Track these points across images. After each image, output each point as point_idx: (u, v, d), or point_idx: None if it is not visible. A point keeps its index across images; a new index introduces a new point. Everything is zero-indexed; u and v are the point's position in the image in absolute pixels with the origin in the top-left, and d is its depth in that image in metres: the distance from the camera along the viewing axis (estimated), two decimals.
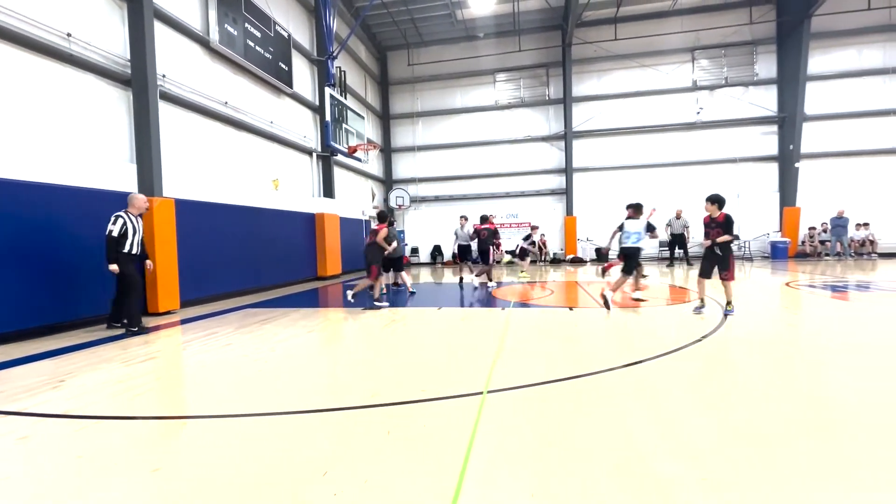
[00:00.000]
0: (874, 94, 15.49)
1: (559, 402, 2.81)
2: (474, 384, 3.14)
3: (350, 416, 2.68)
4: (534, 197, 18.03)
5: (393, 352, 4.37)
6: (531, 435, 2.35)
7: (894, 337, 4.28)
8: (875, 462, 1.97)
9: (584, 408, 2.72)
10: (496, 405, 2.77)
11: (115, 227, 5.26)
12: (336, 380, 3.52)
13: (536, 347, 4.29)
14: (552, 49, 17.31)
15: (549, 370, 3.44)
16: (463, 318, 6.04)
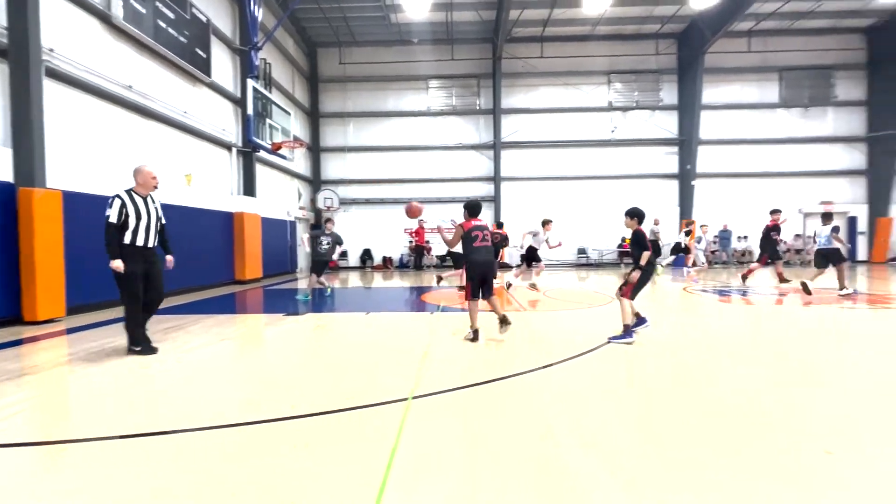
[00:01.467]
0: (753, 124, 17.97)
1: (483, 405, 2.87)
2: (400, 390, 3.10)
3: (264, 430, 2.51)
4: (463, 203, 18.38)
5: (316, 360, 4.19)
6: (455, 439, 2.36)
7: (765, 333, 4.96)
8: (755, 451, 2.24)
9: (506, 409, 2.79)
10: (421, 411, 2.75)
11: (113, 210, 4.05)
12: (251, 392, 3.28)
13: (462, 351, 4.35)
14: (484, 61, 17.87)
15: (474, 373, 3.50)
16: (391, 323, 5.96)
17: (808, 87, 17.90)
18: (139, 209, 4.17)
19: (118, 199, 4.10)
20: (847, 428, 2.45)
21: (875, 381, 3.27)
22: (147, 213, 4.20)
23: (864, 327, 5.45)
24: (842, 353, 4.25)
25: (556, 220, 18.10)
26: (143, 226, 4.17)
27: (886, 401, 2.83)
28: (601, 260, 17.93)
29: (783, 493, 1.80)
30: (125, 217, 4.08)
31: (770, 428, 2.45)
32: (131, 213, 4.11)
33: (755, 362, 3.84)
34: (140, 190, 4.25)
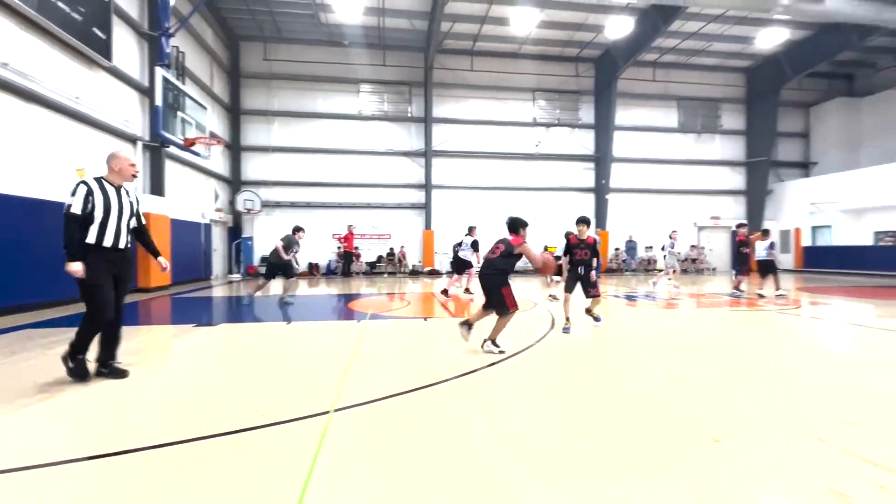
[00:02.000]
0: (657, 146, 19.99)
1: (408, 414, 2.85)
2: (321, 403, 2.98)
3: (165, 455, 2.27)
4: (395, 210, 18.30)
5: (229, 374, 3.89)
6: (378, 450, 2.32)
7: (674, 335, 5.49)
8: (656, 441, 2.46)
9: (431, 417, 2.80)
10: (343, 423, 2.67)
11: (76, 199, 3.31)
12: (150, 413, 2.96)
13: (389, 360, 4.30)
14: (416, 69, 18.00)
15: (401, 382, 3.47)
16: (314, 334, 5.72)
17: (700, 115, 20.34)
18: (109, 201, 3.43)
19: (83, 186, 3.36)
20: (735, 418, 2.78)
21: (774, 374, 3.76)
22: (119, 207, 3.48)
23: (766, 327, 6.25)
24: (744, 349, 4.83)
25: (484, 229, 18.70)
26: (112, 221, 3.43)
27: (776, 392, 3.26)
28: (526, 267, 18.76)
29: (676, 478, 2.00)
30: (90, 208, 3.33)
31: (670, 419, 2.71)
32: (98, 204, 3.36)
33: (659, 360, 4.23)
34: (113, 178, 3.56)
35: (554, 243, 18.93)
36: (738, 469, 2.12)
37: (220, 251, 16.23)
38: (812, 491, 1.92)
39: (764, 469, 2.12)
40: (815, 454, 2.27)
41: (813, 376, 3.74)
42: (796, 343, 5.29)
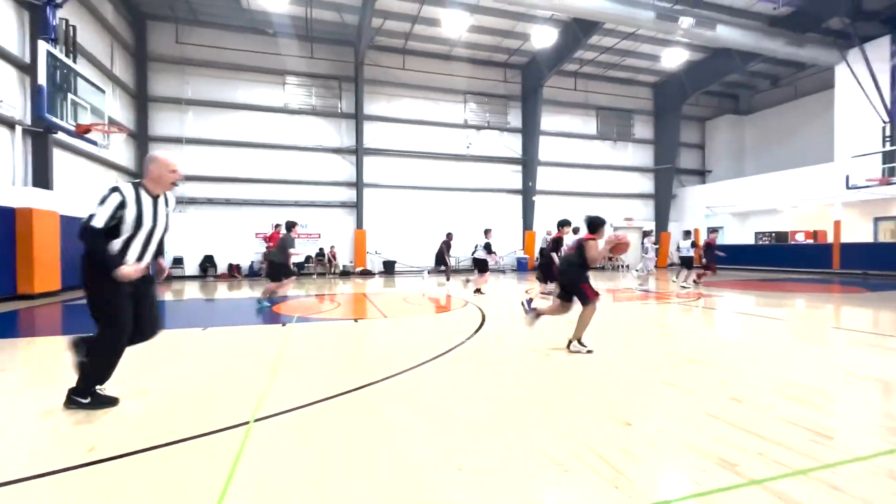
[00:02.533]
0: (579, 151, 21.31)
1: (334, 420, 2.75)
2: (239, 414, 2.78)
3: (51, 484, 1.98)
4: (324, 208, 17.68)
5: (131, 389, 3.50)
6: (301, 461, 2.21)
7: (598, 329, 5.86)
8: (576, 426, 2.61)
9: (358, 422, 2.73)
10: (265, 434, 2.51)
11: (103, 212, 2.71)
12: (37, 437, 2.57)
13: (316, 364, 4.13)
14: (346, 63, 17.52)
15: (328, 387, 3.35)
16: (234, 339, 5.34)
17: (615, 125, 22.03)
18: (142, 215, 2.86)
19: (116, 196, 2.77)
20: (644, 403, 3.03)
21: (680, 360, 4.13)
22: (153, 222, 2.93)
23: (672, 318, 6.86)
24: (652, 337, 5.26)
25: (416, 228, 18.72)
26: (141, 237, 2.88)
27: (680, 376, 3.59)
28: (458, 267, 19.05)
29: (592, 461, 2.13)
30: (118, 222, 2.78)
31: (587, 408, 2.89)
32: (129, 219, 2.80)
33: (579, 354, 4.50)
34: (151, 186, 2.96)
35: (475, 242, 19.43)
36: (647, 449, 2.31)
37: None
38: (707, 464, 2.14)
39: (668, 447, 2.34)
40: (709, 430, 2.54)
41: (708, 359, 4.20)
42: (695, 331, 5.91)
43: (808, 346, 4.96)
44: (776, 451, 2.25)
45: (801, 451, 2.25)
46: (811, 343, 5.11)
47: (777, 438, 2.40)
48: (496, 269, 19.17)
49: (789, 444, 2.33)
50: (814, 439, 2.40)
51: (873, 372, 3.75)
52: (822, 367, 3.93)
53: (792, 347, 4.82)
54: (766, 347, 4.78)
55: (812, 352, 4.63)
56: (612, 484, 1.95)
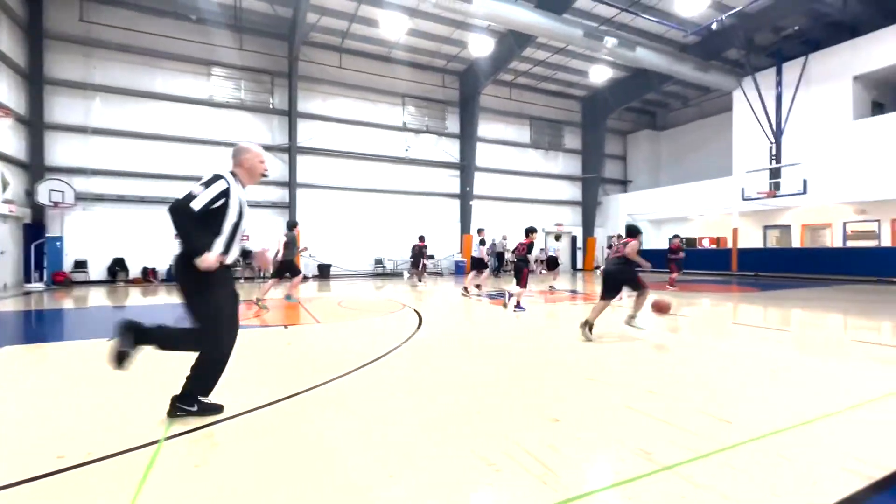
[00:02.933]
0: (513, 159, 22.09)
1: (260, 432, 2.59)
2: (148, 432, 2.52)
3: None
4: (252, 208, 16.70)
5: (20, 410, 3.05)
6: (220, 478, 2.04)
7: (528, 329, 6.06)
8: (506, 423, 2.66)
9: (285, 433, 2.59)
10: (177, 453, 2.29)
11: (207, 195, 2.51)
12: None
13: (240, 374, 3.86)
14: (279, 58, 16.75)
15: (253, 397, 3.14)
16: (147, 350, 4.84)
17: (547, 135, 23.14)
18: (243, 206, 2.73)
19: (223, 182, 2.60)
20: (570, 399, 3.17)
21: (600, 357, 4.36)
22: (245, 212, 2.78)
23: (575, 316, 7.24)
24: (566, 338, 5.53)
25: (353, 231, 18.31)
26: (239, 232, 2.75)
27: (602, 372, 3.80)
28: (396, 269, 18.91)
29: (523, 460, 2.19)
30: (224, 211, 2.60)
31: (516, 407, 2.97)
32: (234, 208, 2.65)
33: (507, 353, 4.63)
34: (244, 178, 2.85)
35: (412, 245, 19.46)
36: (573, 443, 2.42)
37: (11, 253, 12.75)
38: (625, 451, 2.29)
39: (592, 440, 2.46)
40: (628, 421, 2.72)
41: (628, 356, 4.51)
42: (617, 329, 6.33)
43: (712, 339, 5.50)
44: (685, 438, 2.46)
45: (705, 436, 2.48)
46: (714, 337, 5.68)
47: (685, 426, 2.63)
48: (434, 272, 19.27)
49: (696, 431, 2.56)
50: (716, 424, 2.65)
51: (765, 361, 4.24)
52: (722, 359, 4.37)
53: (698, 342, 5.32)
54: (677, 342, 5.24)
55: (715, 345, 5.14)
56: (541, 480, 2.01)
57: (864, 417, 2.80)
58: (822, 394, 3.27)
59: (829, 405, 2.99)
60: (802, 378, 3.72)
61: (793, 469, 2.12)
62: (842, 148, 14.99)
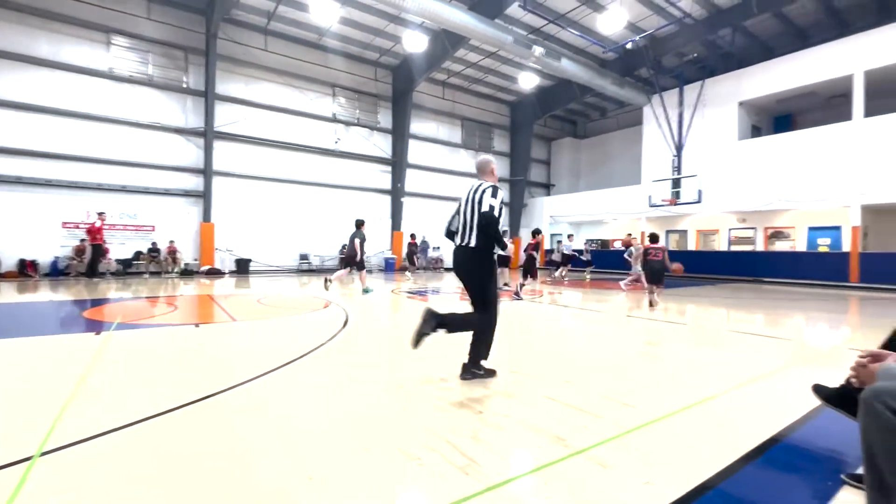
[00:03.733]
0: (446, 158, 22.33)
1: (163, 439, 2.35)
2: (19, 448, 2.17)
3: None
4: (161, 196, 15.18)
5: None
6: (111, 494, 1.82)
7: None
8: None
9: (193, 438, 2.37)
10: (53, 471, 2.00)
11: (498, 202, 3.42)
12: None
13: (140, 378, 3.49)
14: (195, 33, 15.34)
15: (154, 403, 2.85)
16: (23, 354, 4.20)
17: (478, 136, 23.70)
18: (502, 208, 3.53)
19: (501, 193, 3.51)
20: (494, 390, 3.26)
21: (526, 351, 4.53)
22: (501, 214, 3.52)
23: (523, 314, 7.52)
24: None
25: (277, 224, 17.39)
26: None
27: (525, 365, 3.95)
28: (322, 266, 18.25)
29: (446, 448, 2.22)
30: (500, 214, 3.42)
31: (441, 404, 3.01)
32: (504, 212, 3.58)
33: (436, 349, 4.67)
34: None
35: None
36: (495, 433, 2.50)
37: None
38: (543, 438, 2.41)
39: (513, 429, 2.56)
40: (546, 409, 2.87)
41: (549, 348, 4.76)
42: (537, 324, 6.67)
43: (617, 331, 5.99)
44: (595, 423, 2.65)
45: (614, 420, 2.69)
46: (618, 329, 6.19)
47: (596, 412, 2.83)
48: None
49: (604, 415, 2.77)
50: (622, 409, 2.89)
51: (663, 351, 4.70)
52: (628, 349, 4.78)
53: (606, 333, 5.77)
54: (590, 335, 5.64)
55: (620, 336, 5.61)
56: (463, 471, 2.05)
57: (741, 397, 3.22)
58: (709, 378, 3.70)
59: (714, 387, 3.39)
60: (693, 364, 4.18)
61: (683, 445, 2.37)
62: (728, 164, 17.12)
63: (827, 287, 13.90)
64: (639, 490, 1.93)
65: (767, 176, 15.95)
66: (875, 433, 1.24)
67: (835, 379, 2.18)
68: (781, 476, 2.12)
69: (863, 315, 8.20)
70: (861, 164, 13.88)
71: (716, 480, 2.02)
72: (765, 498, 1.92)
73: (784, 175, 15.53)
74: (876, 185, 13.57)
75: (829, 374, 3.86)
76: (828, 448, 2.42)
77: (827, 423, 2.70)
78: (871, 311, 8.65)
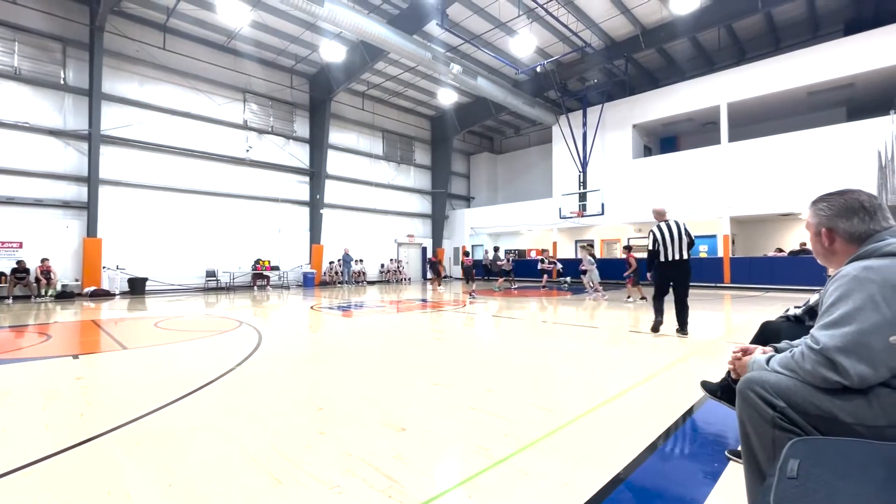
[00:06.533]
0: (366, 169, 22.04)
1: (32, 492, 1.96)
2: None
3: None
4: (31, 207, 13.06)
5: None
6: None
7: (381, 340, 5.98)
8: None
9: (69, 488, 2.02)
10: None
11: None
12: None
13: (7, 422, 2.91)
14: (76, 25, 13.58)
15: (14, 454, 2.38)
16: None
17: (399, 148, 23.78)
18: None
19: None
20: (416, 405, 3.21)
21: (450, 362, 4.51)
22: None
23: (450, 324, 7.53)
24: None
25: (179, 238, 15.83)
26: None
27: (449, 376, 3.94)
28: (233, 283, 16.91)
29: (367, 472, 2.13)
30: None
31: (365, 420, 2.90)
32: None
33: (356, 363, 4.52)
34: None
35: (267, 256, 17.92)
36: (418, 450, 2.45)
37: None
38: (467, 450, 2.42)
39: (436, 444, 2.54)
40: (470, 420, 2.89)
41: (472, 357, 4.83)
42: (461, 333, 6.77)
43: (537, 337, 6.29)
44: (517, 430, 2.72)
45: (533, 425, 2.78)
46: (538, 335, 6.51)
47: (517, 418, 2.92)
48: (278, 285, 17.86)
49: (525, 421, 2.85)
50: (540, 413, 3.01)
51: (575, 354, 5.01)
52: (544, 355, 5.02)
53: (525, 340, 6.02)
54: (510, 342, 5.84)
55: (539, 342, 5.89)
56: (386, 494, 1.98)
57: (644, 392, 3.52)
58: (616, 376, 4.01)
59: (620, 385, 3.68)
60: (602, 365, 4.51)
61: (598, 442, 2.53)
62: (626, 180, 19.02)
63: (707, 287, 15.93)
64: (558, 492, 2.00)
65: (656, 190, 17.97)
66: (749, 419, 1.42)
67: (718, 372, 2.48)
68: (679, 461, 2.34)
69: (735, 312, 9.49)
70: (728, 182, 16.23)
71: (625, 473, 2.17)
72: (667, 483, 2.10)
73: (670, 189, 17.62)
74: (740, 199, 15.94)
75: (715, 366, 4.38)
76: (712, 432, 2.73)
77: (710, 409, 3.05)
78: (741, 307, 10.05)
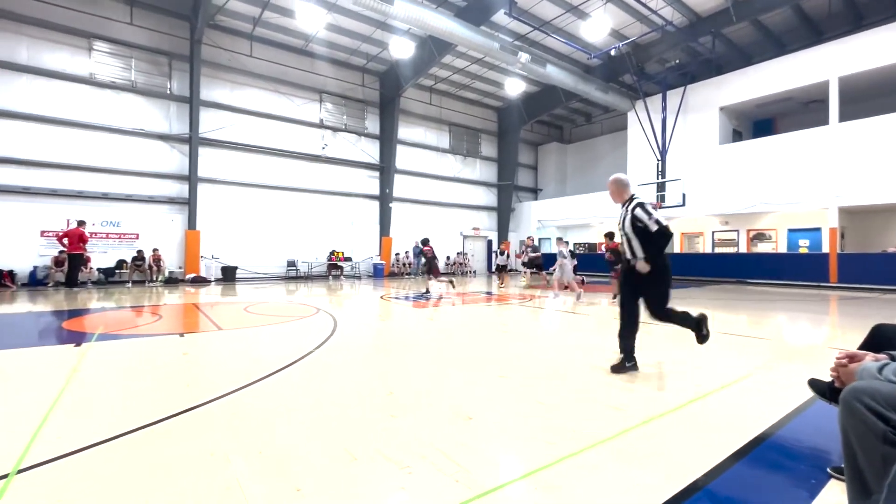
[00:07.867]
0: (433, 163, 22.35)
1: (136, 456, 2.29)
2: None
3: None
4: (145, 203, 14.94)
5: None
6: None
7: (448, 331, 6.12)
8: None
9: (173, 452, 2.32)
10: (30, 489, 1.94)
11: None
12: None
13: (122, 390, 3.41)
14: (178, 39, 15.19)
15: (132, 417, 2.78)
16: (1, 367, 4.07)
17: (465, 141, 23.81)
18: None
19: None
20: (483, 396, 3.26)
21: (515, 355, 4.53)
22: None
23: (514, 317, 7.53)
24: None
25: (263, 231, 17.19)
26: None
27: (515, 370, 3.95)
28: (310, 272, 18.10)
29: (436, 456, 2.20)
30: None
31: (435, 408, 2.99)
32: None
33: (425, 354, 4.66)
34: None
35: (341, 248, 18.91)
36: (485, 439, 2.49)
37: None
38: (533, 443, 2.41)
39: (503, 435, 2.56)
40: (536, 413, 2.87)
41: (536, 352, 4.77)
42: (526, 327, 6.69)
43: (609, 334, 6.02)
44: (585, 426, 2.66)
45: (602, 423, 2.70)
46: (610, 332, 6.22)
47: (585, 415, 2.84)
48: (351, 275, 18.79)
49: (594, 418, 2.78)
50: (610, 412, 2.90)
51: (649, 351, 4.75)
52: (616, 352, 4.81)
53: (593, 335, 5.79)
54: (577, 338, 5.66)
55: (611, 339, 5.63)
56: (453, 479, 2.04)
57: (728, 396, 3.26)
58: (698, 378, 3.74)
59: (704, 387, 3.43)
60: (683, 365, 4.23)
61: (675, 445, 2.39)
62: (710, 168, 17.46)
63: (808, 287, 14.22)
64: (628, 494, 1.93)
65: (748, 179, 16.29)
66: (854, 432, 1.27)
67: (823, 374, 2.23)
68: (770, 473, 2.15)
69: (841, 315, 8.39)
70: (837, 168, 14.26)
71: (705, 480, 2.04)
72: (755, 495, 1.94)
73: (764, 178, 15.88)
74: (851, 187, 13.95)
75: (813, 372, 3.93)
76: (811, 445, 2.46)
77: (811, 420, 2.75)
78: (849, 310, 8.86)
